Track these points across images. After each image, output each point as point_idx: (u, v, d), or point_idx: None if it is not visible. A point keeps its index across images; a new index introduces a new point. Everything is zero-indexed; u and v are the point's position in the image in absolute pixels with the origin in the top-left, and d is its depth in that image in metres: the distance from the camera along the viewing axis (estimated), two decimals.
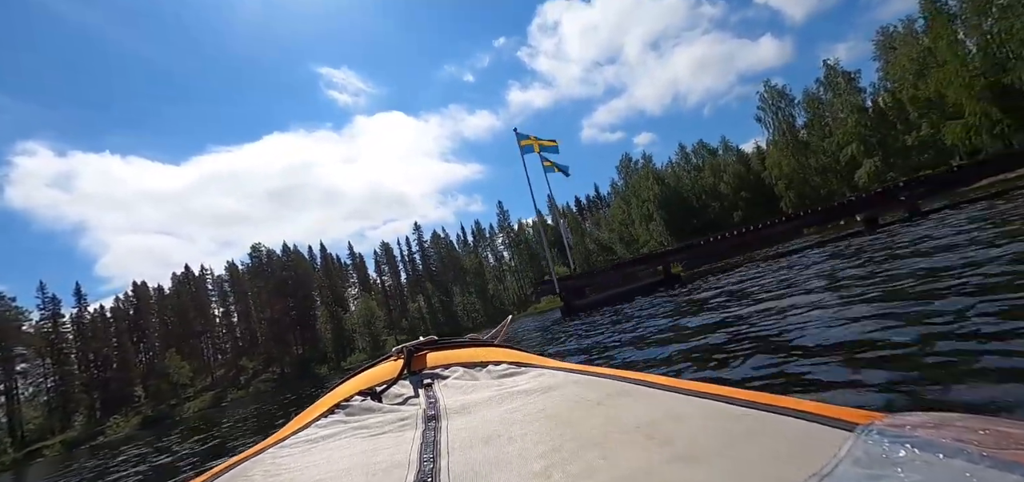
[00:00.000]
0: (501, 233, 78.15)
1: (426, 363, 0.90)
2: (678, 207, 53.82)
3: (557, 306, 51.80)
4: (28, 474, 15.37)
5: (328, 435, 0.66)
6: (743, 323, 3.32)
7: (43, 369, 51.98)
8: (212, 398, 51.91)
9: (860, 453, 0.36)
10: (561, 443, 0.50)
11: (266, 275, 64.57)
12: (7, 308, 50.55)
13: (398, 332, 66.12)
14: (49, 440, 46.08)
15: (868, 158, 36.67)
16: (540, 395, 0.69)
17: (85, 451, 31.63)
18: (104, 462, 9.04)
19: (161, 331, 60.59)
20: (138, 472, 5.71)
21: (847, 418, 0.42)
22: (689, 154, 57.25)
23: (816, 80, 42.64)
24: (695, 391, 0.57)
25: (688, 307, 5.34)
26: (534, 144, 12.23)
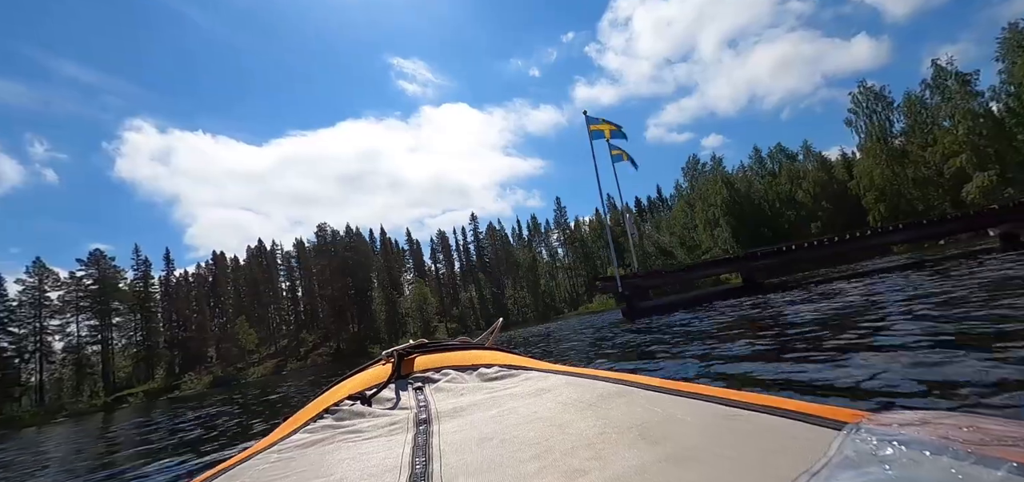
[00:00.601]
0: (557, 230, 77.17)
1: (416, 367, 0.89)
2: (748, 214, 50.28)
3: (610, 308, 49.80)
4: (116, 418, 16.66)
5: (317, 440, 0.65)
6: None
7: (134, 324, 57.56)
8: (274, 366, 55.14)
9: (849, 451, 0.36)
10: (554, 444, 0.50)
11: (329, 254, 67.65)
12: (108, 267, 56.35)
13: (449, 320, 67.11)
14: (134, 389, 50.93)
15: (981, 171, 32.13)
16: (533, 398, 0.69)
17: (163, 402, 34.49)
18: (173, 417, 9.13)
19: (235, 299, 65.18)
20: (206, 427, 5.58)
21: (836, 417, 0.43)
22: (764, 158, 53.32)
23: (921, 82, 38.03)
24: (688, 392, 0.57)
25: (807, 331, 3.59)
26: (605, 129, 11.29)
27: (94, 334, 55.13)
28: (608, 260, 68.88)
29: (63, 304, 54.03)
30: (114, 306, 56.45)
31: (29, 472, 4.83)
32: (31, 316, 51.70)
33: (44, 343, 52.18)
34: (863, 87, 41.11)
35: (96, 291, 54.96)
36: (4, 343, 49.54)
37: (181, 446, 4.31)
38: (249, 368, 54.73)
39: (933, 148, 36.49)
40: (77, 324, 54.52)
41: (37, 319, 51.87)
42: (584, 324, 12.70)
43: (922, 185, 37.60)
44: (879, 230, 10.29)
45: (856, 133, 42.17)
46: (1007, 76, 32.98)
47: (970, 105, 33.55)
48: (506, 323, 14.06)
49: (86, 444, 6.83)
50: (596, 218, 75.94)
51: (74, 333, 54.27)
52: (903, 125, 39.78)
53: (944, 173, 35.77)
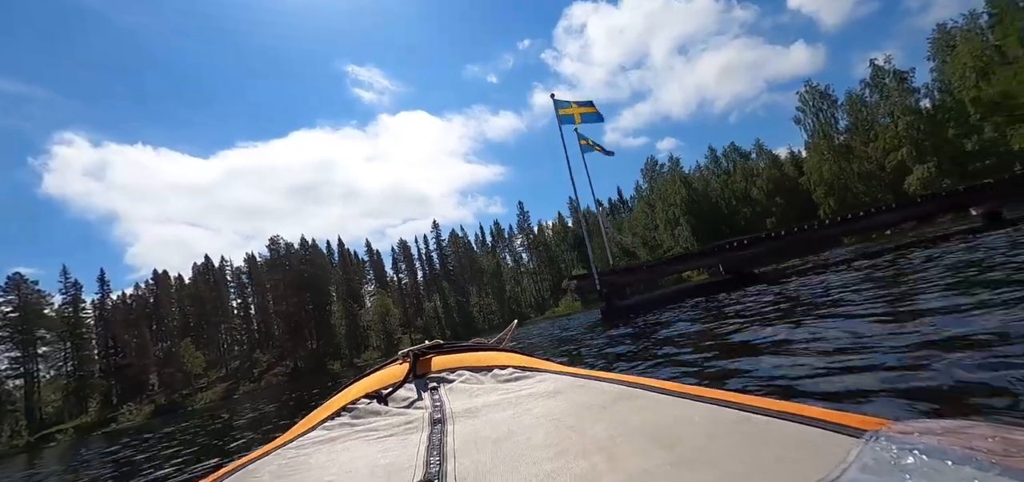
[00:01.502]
0: (520, 234, 76.70)
1: (432, 367, 0.91)
2: (706, 212, 51.52)
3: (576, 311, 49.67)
4: (40, 458, 14.65)
5: (335, 437, 0.67)
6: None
7: (63, 353, 52.40)
8: (224, 390, 51.51)
9: (868, 459, 0.35)
10: (567, 446, 0.51)
11: (283, 268, 64.25)
12: (31, 291, 51.08)
13: (413, 330, 65.12)
14: (63, 425, 46.18)
15: (920, 163, 33.99)
16: (546, 399, 0.69)
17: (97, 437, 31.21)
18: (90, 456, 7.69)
19: (179, 320, 60.72)
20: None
21: (856, 425, 0.42)
22: (719, 158, 54.84)
23: (861, 82, 40.06)
24: (700, 396, 0.57)
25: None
26: (574, 112, 10.57)
27: (16, 366, 49.73)
28: (573, 263, 68.92)
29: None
30: (39, 334, 51.17)
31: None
32: None
33: None
34: (809, 87, 42.94)
35: (17, 319, 49.63)
36: None
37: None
38: (196, 394, 50.83)
39: (875, 143, 38.40)
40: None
41: None
42: (553, 329, 11.93)
43: (866, 179, 39.51)
44: (874, 211, 10.04)
45: (804, 131, 43.97)
46: (938, 74, 35.17)
47: (908, 101, 35.52)
48: (472, 332, 13.02)
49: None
50: (559, 222, 76.09)
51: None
52: (846, 123, 41.73)
53: (886, 167, 37.69)
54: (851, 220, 9.91)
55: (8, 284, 49.96)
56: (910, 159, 34.95)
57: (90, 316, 56.08)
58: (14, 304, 49.80)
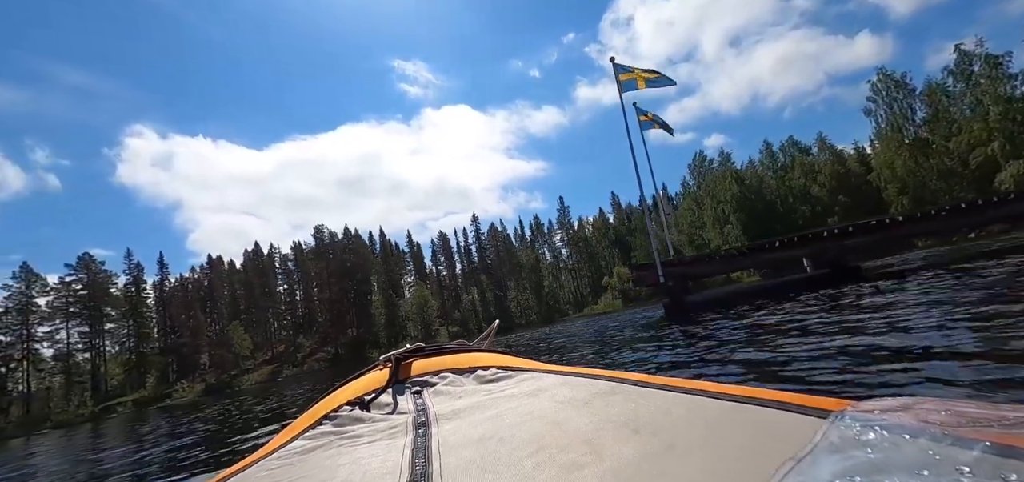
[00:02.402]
0: (560, 230, 75.30)
1: (414, 370, 0.90)
2: (759, 210, 48.46)
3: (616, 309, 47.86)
4: (102, 427, 15.36)
5: (317, 446, 0.65)
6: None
7: (127, 330, 55.72)
8: (269, 372, 53.23)
9: (834, 437, 0.38)
10: (550, 441, 0.52)
11: (327, 257, 65.82)
12: (98, 271, 54.53)
13: (450, 322, 65.22)
14: (124, 398, 49.02)
15: (1016, 159, 30.30)
16: (529, 397, 0.70)
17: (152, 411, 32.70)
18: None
19: (230, 304, 63.35)
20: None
21: (821, 406, 0.44)
22: (776, 153, 51.49)
23: (943, 69, 36.24)
24: (680, 387, 0.59)
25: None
26: (638, 77, 9.40)
27: (85, 340, 53.31)
28: (615, 260, 66.93)
29: (52, 310, 52.21)
30: (106, 312, 54.62)
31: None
32: (18, 323, 49.86)
33: (31, 351, 50.32)
34: (883, 74, 39.32)
35: (86, 296, 53.13)
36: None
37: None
38: (243, 375, 52.79)
39: (958, 137, 34.66)
40: (67, 330, 52.70)
41: (25, 326, 50.03)
42: (596, 328, 10.79)
43: (946, 176, 35.80)
44: (983, 203, 8.31)
45: (875, 122, 40.35)
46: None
47: (1002, 89, 31.73)
48: (508, 326, 11.78)
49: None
50: (601, 218, 74.15)
51: (64, 340, 52.46)
52: (924, 114, 37.95)
53: (970, 163, 33.95)
54: (951, 214, 8.03)
55: (78, 263, 53.52)
56: (1003, 154, 31.24)
57: (150, 296, 59.41)
58: (83, 282, 53.31)
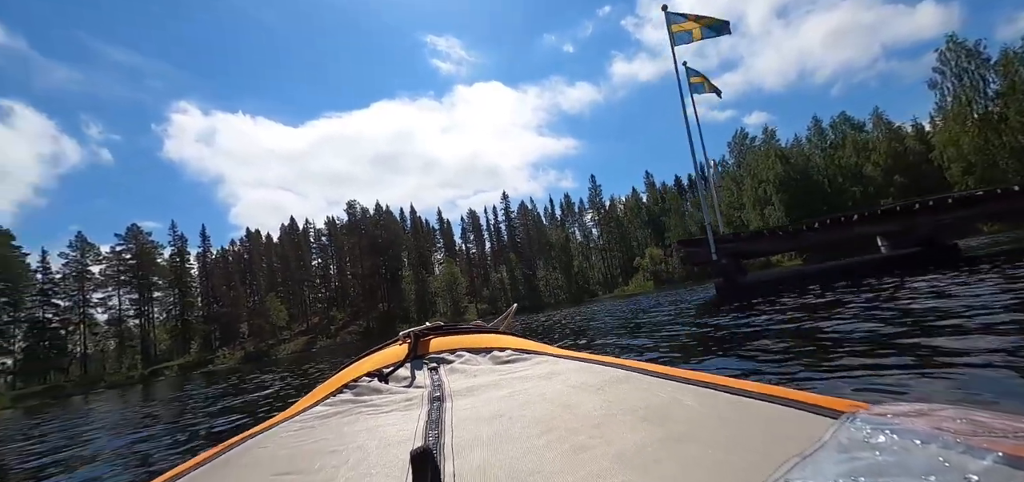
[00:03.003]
0: (591, 209, 73.84)
1: (432, 348, 0.93)
2: (804, 191, 45.86)
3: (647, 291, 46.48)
4: (154, 389, 16.41)
5: (337, 412, 0.69)
6: None
7: (173, 298, 58.41)
8: (305, 343, 54.87)
9: (843, 438, 0.37)
10: (559, 423, 0.53)
11: (359, 232, 66.83)
12: (145, 241, 57.11)
13: (479, 300, 65.40)
14: (170, 362, 51.58)
15: None
16: (543, 380, 0.72)
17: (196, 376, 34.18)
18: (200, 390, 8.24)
19: (267, 276, 65.40)
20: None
21: (834, 407, 0.44)
22: (825, 130, 48.39)
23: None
24: (691, 379, 0.59)
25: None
26: (692, 26, 8.43)
27: (135, 307, 56.23)
28: (648, 240, 65.21)
29: (105, 278, 55.16)
30: (153, 281, 57.33)
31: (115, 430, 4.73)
32: (75, 289, 52.95)
33: (87, 315, 53.46)
34: (953, 43, 35.96)
35: (135, 266, 55.83)
36: (49, 315, 50.92)
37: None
38: (280, 344, 54.63)
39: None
40: (119, 297, 55.68)
41: (81, 292, 53.10)
42: (631, 309, 10.00)
43: (1020, 155, 32.68)
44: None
45: (940, 95, 37.09)
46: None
47: None
48: (537, 305, 10.96)
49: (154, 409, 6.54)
50: (633, 197, 72.13)
51: (116, 306, 55.49)
52: (998, 86, 34.59)
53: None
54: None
55: (127, 234, 56.15)
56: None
57: (194, 267, 61.94)
58: (132, 251, 55.97)
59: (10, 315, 49.17)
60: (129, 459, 2.91)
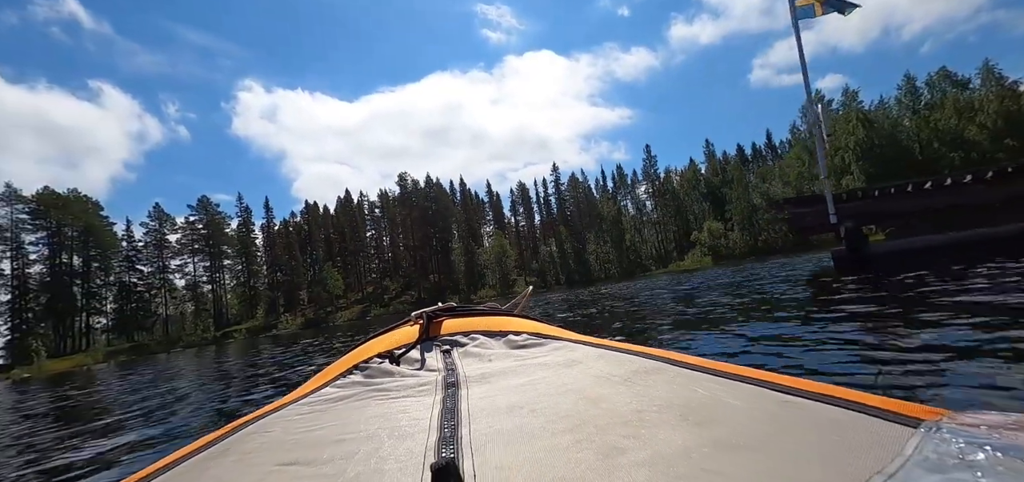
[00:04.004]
0: (645, 181, 70.75)
1: (444, 329, 0.89)
2: (890, 158, 41.22)
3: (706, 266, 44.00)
4: (226, 350, 17.57)
5: (347, 395, 0.66)
6: None
7: (242, 266, 62.08)
8: (359, 311, 56.81)
9: (930, 453, 0.32)
10: (587, 418, 0.48)
11: (410, 203, 67.80)
12: (215, 212, 60.67)
13: (528, 273, 64.90)
14: (239, 325, 55.02)
15: None
16: (563, 368, 0.67)
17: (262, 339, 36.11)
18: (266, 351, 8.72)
19: (325, 247, 67.98)
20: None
21: (910, 413, 0.38)
22: (920, 89, 43.05)
23: None
24: (734, 374, 0.53)
25: None
26: None
27: (208, 274, 60.31)
28: (706, 213, 61.71)
29: (181, 246, 59.32)
30: (223, 249, 61.09)
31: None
32: (155, 256, 57.34)
33: (167, 281, 57.88)
34: None
35: (206, 235, 59.58)
36: (135, 279, 55.51)
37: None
38: (337, 312, 56.84)
39: None
40: (193, 264, 59.83)
41: (160, 259, 57.44)
42: (728, 282, 8.71)
43: None
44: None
45: None
46: None
47: None
48: (587, 279, 9.67)
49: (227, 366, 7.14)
50: (691, 168, 68.25)
51: (192, 273, 59.73)
52: None
53: None
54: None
55: (198, 205, 59.81)
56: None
57: (258, 237, 65.36)
58: (204, 222, 59.67)
59: (102, 279, 54.04)
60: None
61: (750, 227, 55.99)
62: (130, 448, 2.42)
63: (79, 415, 4.42)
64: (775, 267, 11.97)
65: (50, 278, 49.66)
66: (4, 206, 48.15)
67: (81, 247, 51.94)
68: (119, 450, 2.41)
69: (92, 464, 2.18)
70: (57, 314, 49.07)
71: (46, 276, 49.75)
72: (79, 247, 51.87)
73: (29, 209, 49.54)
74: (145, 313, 55.24)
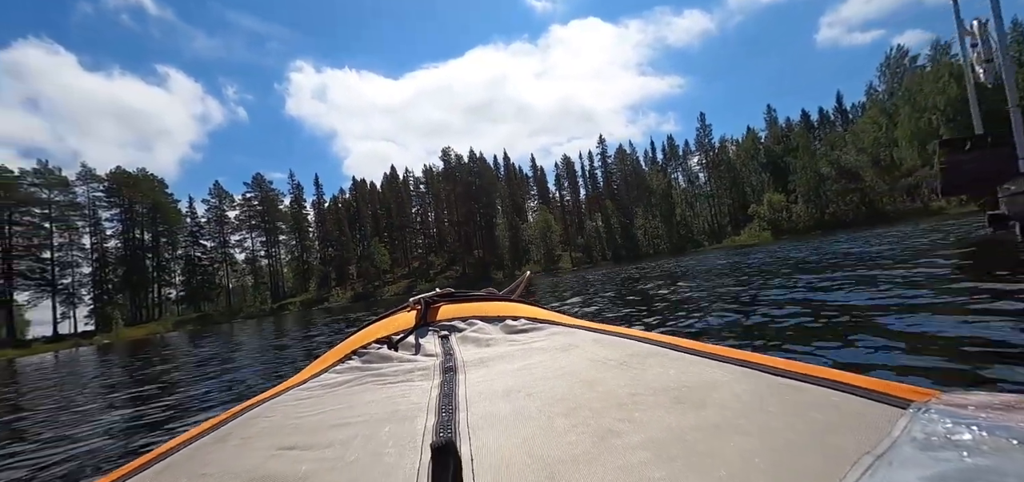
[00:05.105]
0: (698, 152, 66.82)
1: (442, 315, 0.90)
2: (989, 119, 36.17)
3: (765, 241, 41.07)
4: (284, 321, 18.95)
5: (345, 381, 0.67)
6: None
7: (296, 241, 64.45)
8: (405, 286, 57.63)
9: (918, 433, 0.32)
10: (582, 402, 0.49)
11: (454, 179, 67.58)
12: (268, 190, 62.96)
13: (573, 248, 63.44)
14: (293, 298, 57.28)
15: None
16: (560, 353, 0.67)
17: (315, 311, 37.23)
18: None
19: (372, 223, 69.30)
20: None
21: (899, 394, 0.39)
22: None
23: None
24: (728, 357, 0.54)
25: None
26: None
27: (264, 249, 63.06)
28: (767, 185, 57.52)
29: (239, 222, 62.14)
30: (277, 225, 63.53)
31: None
32: (217, 232, 60.39)
33: (228, 255, 60.96)
34: None
35: (262, 211, 62.02)
36: (198, 254, 58.78)
37: None
38: (384, 286, 57.94)
39: None
40: (252, 240, 62.64)
41: (221, 234, 60.44)
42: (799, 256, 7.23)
43: None
44: None
45: None
46: None
47: None
48: (635, 254, 8.26)
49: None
50: (749, 138, 63.63)
51: (250, 247, 62.61)
52: None
53: None
54: None
55: (252, 182, 62.21)
56: None
57: (310, 214, 67.47)
58: (259, 198, 62.06)
59: (169, 253, 57.56)
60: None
61: (816, 199, 51.74)
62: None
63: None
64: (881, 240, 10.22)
65: (125, 252, 53.38)
66: (81, 185, 51.85)
67: (149, 223, 55.41)
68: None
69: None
70: (132, 286, 52.84)
71: (121, 250, 53.51)
72: (148, 223, 55.36)
73: (104, 188, 53.12)
74: (210, 285, 58.55)
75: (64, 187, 49.81)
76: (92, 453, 2.42)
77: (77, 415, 3.59)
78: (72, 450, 2.52)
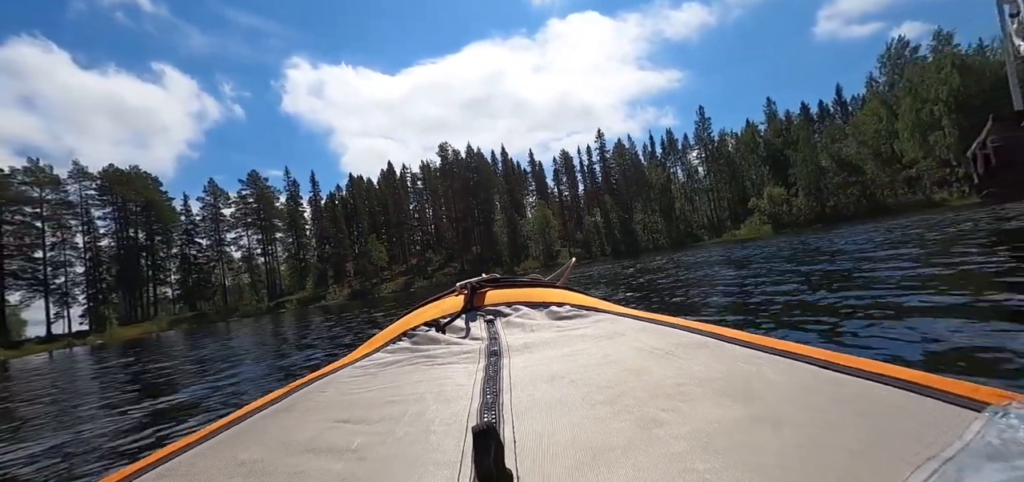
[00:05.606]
0: (698, 145, 66.35)
1: (488, 300, 0.92)
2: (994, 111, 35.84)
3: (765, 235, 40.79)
4: (278, 319, 18.65)
5: (395, 361, 0.70)
6: None
7: (292, 239, 63.80)
8: (403, 283, 57.19)
9: (994, 438, 0.29)
10: (627, 390, 0.48)
11: (452, 174, 66.99)
12: (264, 187, 62.27)
13: (572, 244, 63.03)
14: (290, 296, 56.72)
15: None
16: (605, 340, 0.68)
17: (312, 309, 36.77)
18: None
19: (369, 220, 68.68)
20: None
21: (974, 396, 0.36)
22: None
23: None
24: (779, 350, 0.52)
25: None
26: None
27: (261, 247, 62.41)
28: (766, 178, 57.15)
29: (235, 220, 61.44)
30: (273, 222, 62.86)
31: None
32: (213, 229, 59.70)
33: (224, 253, 60.28)
34: None
35: (257, 209, 61.34)
36: (194, 252, 58.11)
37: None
38: (382, 284, 57.43)
39: None
40: (247, 237, 61.98)
41: (217, 232, 59.76)
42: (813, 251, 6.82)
43: None
44: None
45: None
46: None
47: None
48: (634, 249, 7.81)
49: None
50: (749, 130, 63.20)
51: (246, 245, 61.96)
52: None
53: None
54: None
55: (248, 180, 61.49)
56: None
57: (306, 211, 66.79)
58: (254, 196, 61.37)
59: (165, 252, 56.89)
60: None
61: (816, 192, 51.39)
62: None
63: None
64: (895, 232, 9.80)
65: (119, 251, 52.68)
66: (73, 183, 51.08)
67: (144, 222, 54.69)
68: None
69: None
70: (127, 285, 52.16)
71: (115, 249, 52.81)
72: (142, 222, 54.64)
73: (96, 186, 52.36)
74: (206, 284, 57.92)
75: (55, 185, 49.04)
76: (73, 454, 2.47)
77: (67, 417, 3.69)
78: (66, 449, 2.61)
